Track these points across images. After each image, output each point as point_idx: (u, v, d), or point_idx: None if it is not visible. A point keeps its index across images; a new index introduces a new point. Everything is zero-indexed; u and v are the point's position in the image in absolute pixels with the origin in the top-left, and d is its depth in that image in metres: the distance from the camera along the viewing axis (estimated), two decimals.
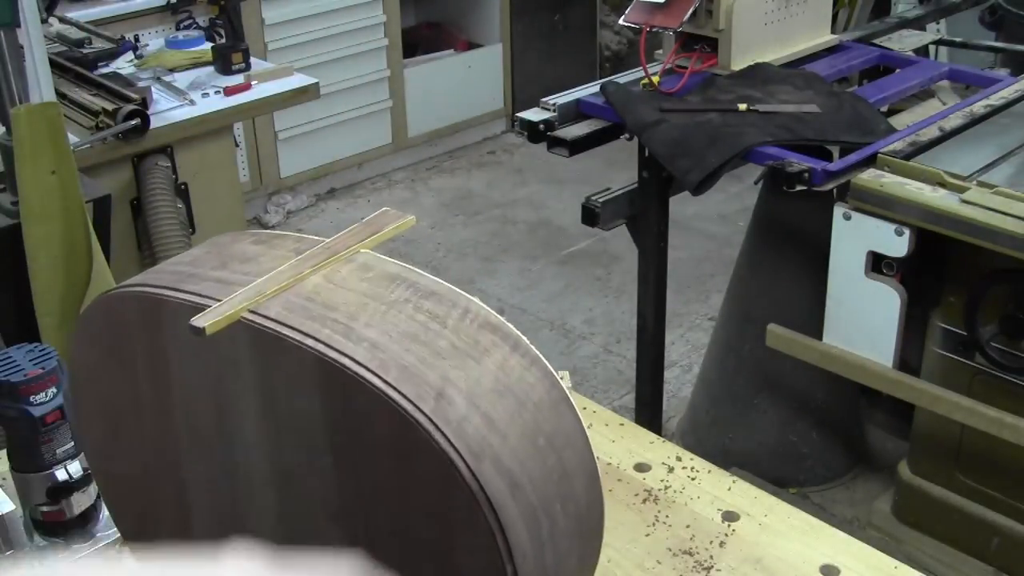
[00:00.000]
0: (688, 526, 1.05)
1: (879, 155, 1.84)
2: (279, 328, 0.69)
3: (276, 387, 0.73)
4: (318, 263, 0.74)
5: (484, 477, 0.66)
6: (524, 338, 0.73)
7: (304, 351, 0.67)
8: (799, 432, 2.46)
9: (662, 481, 1.11)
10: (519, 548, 0.67)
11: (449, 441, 0.65)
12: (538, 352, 0.73)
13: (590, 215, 2.10)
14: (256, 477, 0.78)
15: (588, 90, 2.17)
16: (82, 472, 0.99)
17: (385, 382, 0.66)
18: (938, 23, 3.04)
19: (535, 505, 0.69)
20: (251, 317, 0.70)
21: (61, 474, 0.98)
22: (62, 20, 2.88)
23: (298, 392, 0.71)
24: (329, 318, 0.70)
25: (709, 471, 1.13)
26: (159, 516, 0.88)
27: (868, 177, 1.80)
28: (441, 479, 0.66)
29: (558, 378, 0.74)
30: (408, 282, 0.73)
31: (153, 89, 2.54)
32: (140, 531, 0.91)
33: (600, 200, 2.10)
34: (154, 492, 0.86)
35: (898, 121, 2.14)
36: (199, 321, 0.70)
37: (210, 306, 0.71)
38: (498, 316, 0.73)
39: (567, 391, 0.74)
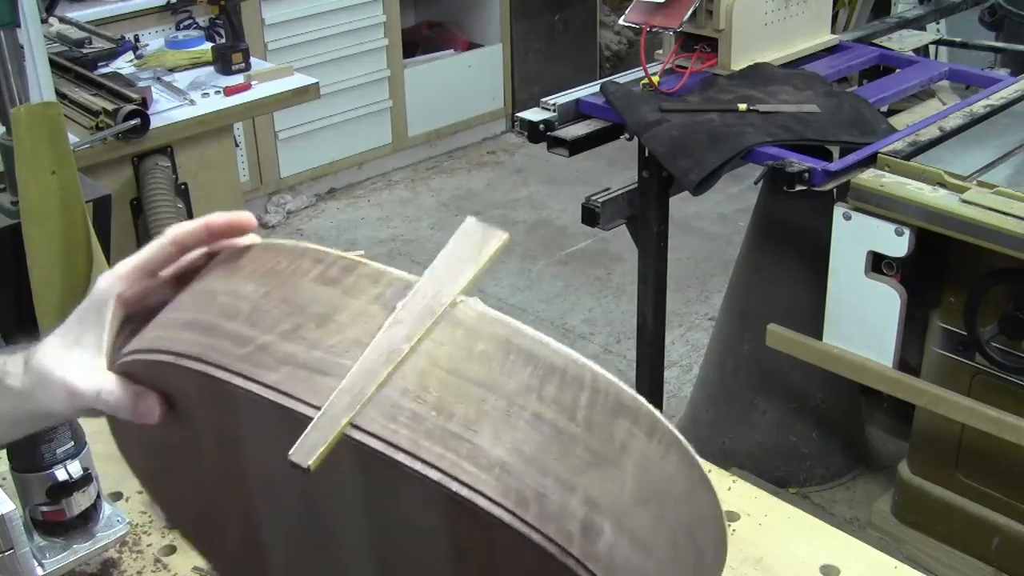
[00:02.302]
0: None
1: (879, 155, 1.84)
2: (392, 453, 0.57)
3: (387, 509, 0.64)
4: (414, 330, 0.61)
5: None
6: (657, 414, 0.66)
7: (428, 483, 0.57)
8: (799, 432, 2.46)
9: None
10: None
11: None
12: (671, 427, 0.66)
13: (590, 215, 2.10)
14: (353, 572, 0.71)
15: (588, 90, 2.17)
16: (82, 472, 0.99)
17: (525, 523, 0.57)
18: (938, 23, 3.04)
19: None
20: (358, 436, 0.58)
21: (61, 474, 0.98)
22: (62, 20, 2.89)
23: (416, 520, 0.63)
24: (448, 433, 0.58)
25: (709, 471, 1.12)
26: (224, 529, 0.81)
27: (868, 177, 1.80)
28: None
29: (694, 455, 0.67)
30: (523, 354, 0.61)
31: (153, 89, 2.54)
32: (200, 534, 0.86)
33: (600, 200, 2.10)
34: (217, 516, 0.79)
35: (898, 121, 2.14)
36: (301, 458, 0.58)
37: (298, 411, 0.59)
38: (627, 390, 0.64)
39: (701, 467, 0.68)
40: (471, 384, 0.59)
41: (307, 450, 0.58)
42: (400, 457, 0.57)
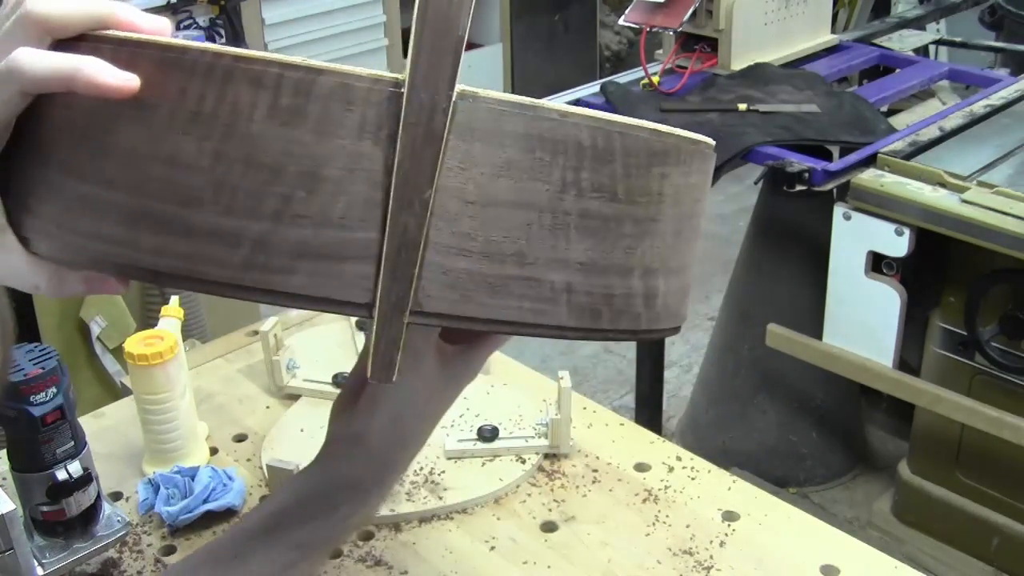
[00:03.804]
0: (688, 526, 1.05)
1: (879, 155, 1.84)
2: (467, 326, 0.53)
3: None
4: (427, 165, 0.50)
5: (663, 320, 0.63)
6: (677, 133, 0.60)
7: (504, 337, 0.58)
8: (799, 432, 2.46)
9: (662, 481, 1.11)
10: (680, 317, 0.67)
11: (655, 331, 0.63)
12: (686, 135, 0.61)
13: None
14: None
15: (588, 90, 2.17)
16: (82, 472, 0.99)
17: (601, 331, 0.56)
18: (938, 23, 3.04)
19: (690, 276, 0.68)
20: (426, 322, 0.52)
21: (61, 474, 0.98)
22: None
23: None
24: (508, 279, 0.52)
25: (709, 471, 1.13)
26: None
27: (868, 177, 1.80)
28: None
29: (698, 139, 0.63)
30: (549, 144, 0.52)
31: None
32: None
33: None
34: None
35: (898, 121, 2.14)
36: (381, 374, 0.53)
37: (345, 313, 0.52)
38: (648, 129, 0.57)
39: (702, 139, 0.63)
40: (509, 208, 0.51)
41: (383, 363, 0.52)
42: (477, 327, 0.53)
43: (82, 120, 0.51)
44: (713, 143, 0.64)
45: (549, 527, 1.05)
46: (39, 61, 0.49)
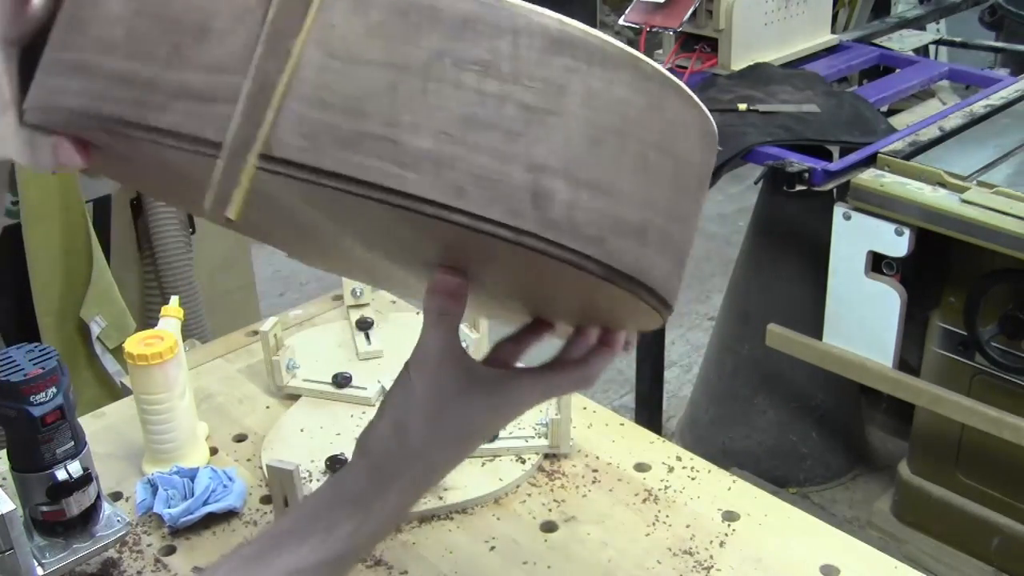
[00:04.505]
0: (688, 526, 1.05)
1: (879, 155, 1.84)
2: (316, 178, 0.52)
3: (345, 221, 0.60)
4: (300, 15, 0.52)
5: (613, 256, 0.56)
6: (596, 34, 0.55)
7: (366, 203, 0.52)
8: (799, 432, 2.46)
9: (662, 481, 1.11)
10: (664, 284, 0.60)
11: (565, 247, 0.54)
12: (620, 47, 0.56)
13: None
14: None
15: None
16: (82, 472, 0.99)
17: (466, 213, 0.52)
18: (938, 23, 3.04)
19: (663, 226, 0.59)
20: (272, 168, 0.52)
21: (61, 474, 0.98)
22: None
23: (375, 227, 0.58)
24: (367, 136, 0.51)
25: (709, 471, 1.13)
26: None
27: (868, 177, 1.80)
28: (573, 277, 0.56)
29: (654, 67, 0.58)
30: (425, 12, 0.52)
31: None
32: None
33: None
34: None
35: (898, 121, 2.14)
36: (216, 207, 0.53)
37: (203, 152, 0.53)
38: (558, 17, 0.54)
39: (661, 76, 0.58)
40: (376, 68, 0.52)
41: (220, 199, 0.53)
42: (326, 182, 0.52)
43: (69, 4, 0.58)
44: (661, 70, 0.58)
45: (549, 527, 1.05)
46: None
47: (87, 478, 1.00)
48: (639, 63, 0.56)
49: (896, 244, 1.78)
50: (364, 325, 1.35)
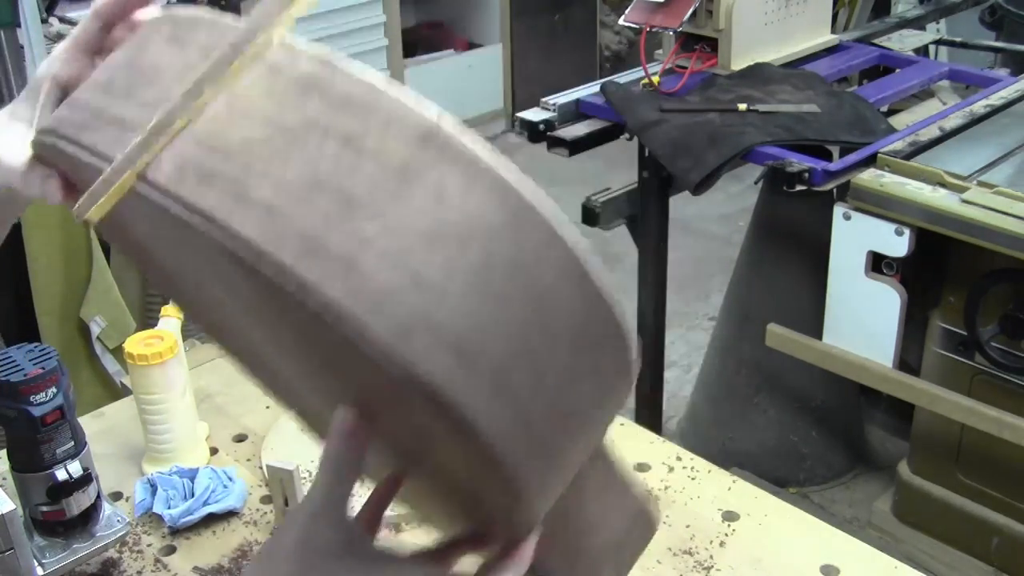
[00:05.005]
0: (688, 526, 1.05)
1: (879, 155, 1.84)
2: (166, 202, 0.55)
3: (214, 269, 0.60)
4: (221, 74, 0.58)
5: (417, 356, 0.51)
6: (469, 142, 0.55)
7: (201, 233, 0.54)
8: (799, 432, 2.46)
9: (662, 481, 1.11)
10: (490, 427, 0.52)
11: (363, 322, 0.51)
12: (488, 157, 0.56)
13: (590, 215, 2.10)
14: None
15: (588, 90, 2.17)
16: (82, 472, 0.99)
17: (280, 265, 0.52)
18: (938, 23, 3.04)
19: (499, 364, 0.53)
20: (141, 189, 0.56)
21: (61, 474, 0.98)
22: (62, 20, 2.88)
23: (227, 273, 0.58)
24: (221, 175, 0.55)
25: (709, 471, 1.13)
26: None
27: (868, 177, 1.80)
28: (372, 368, 0.52)
29: (514, 185, 0.57)
30: (320, 88, 0.56)
31: None
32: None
33: (600, 200, 2.10)
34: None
35: (898, 121, 2.14)
36: (82, 209, 0.59)
37: (100, 167, 0.58)
38: (435, 119, 0.55)
39: (526, 191, 0.57)
40: (258, 123, 0.56)
41: (91, 201, 0.58)
42: (172, 205, 0.55)
43: None
44: (532, 202, 0.58)
45: None
46: None
47: (87, 478, 1.00)
48: (505, 184, 0.56)
49: (896, 244, 1.78)
50: None
